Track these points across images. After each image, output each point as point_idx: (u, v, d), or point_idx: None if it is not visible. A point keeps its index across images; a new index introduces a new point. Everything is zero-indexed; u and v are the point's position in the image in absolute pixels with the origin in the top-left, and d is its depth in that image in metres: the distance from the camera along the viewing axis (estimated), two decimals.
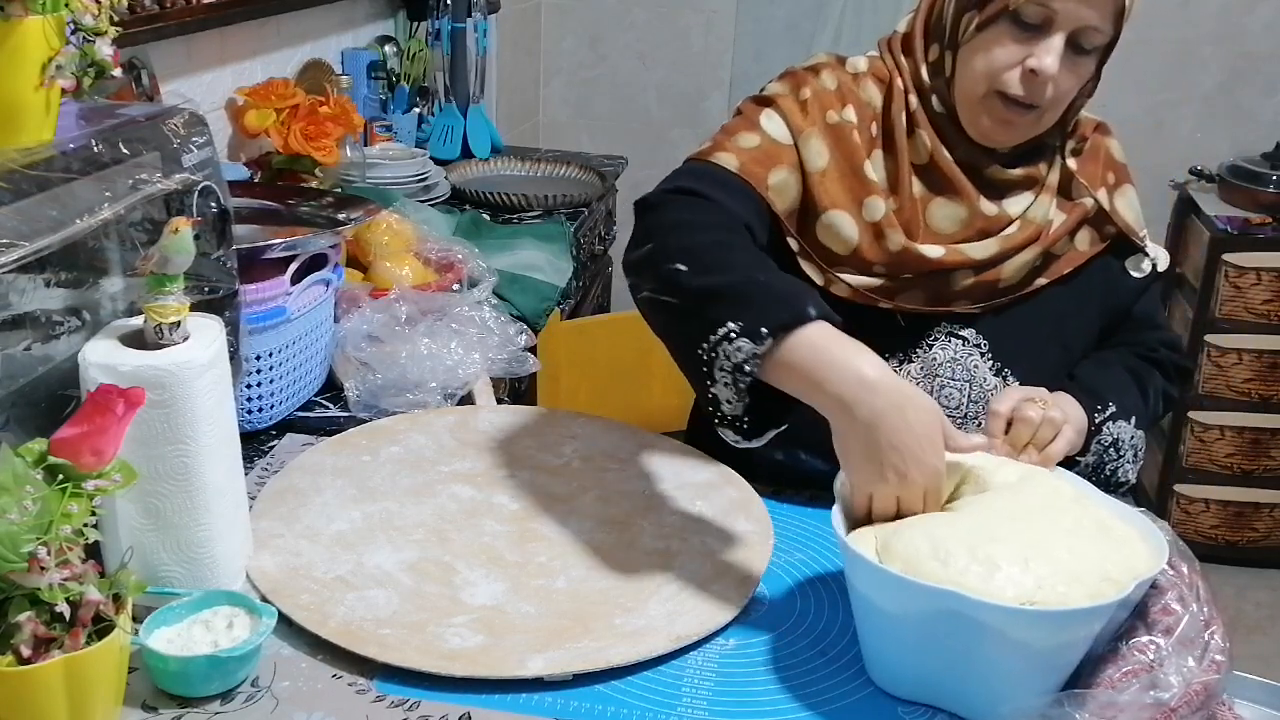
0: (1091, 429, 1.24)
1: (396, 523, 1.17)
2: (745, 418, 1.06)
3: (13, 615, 0.81)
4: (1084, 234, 1.34)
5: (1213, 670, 0.90)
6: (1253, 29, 3.14)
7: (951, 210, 1.28)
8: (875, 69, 1.34)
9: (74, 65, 1.01)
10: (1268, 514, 3.15)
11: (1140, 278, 1.36)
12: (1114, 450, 1.28)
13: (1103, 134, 1.38)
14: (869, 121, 1.29)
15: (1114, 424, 1.27)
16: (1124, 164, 1.38)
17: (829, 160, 1.26)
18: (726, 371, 1.03)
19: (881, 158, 1.28)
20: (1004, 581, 0.90)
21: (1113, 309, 1.38)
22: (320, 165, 2.03)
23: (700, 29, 3.42)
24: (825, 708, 0.97)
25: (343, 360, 1.48)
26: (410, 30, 2.70)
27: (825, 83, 1.31)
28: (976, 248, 1.28)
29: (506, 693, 0.96)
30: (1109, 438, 1.27)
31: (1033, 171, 1.31)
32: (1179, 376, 1.41)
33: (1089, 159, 1.35)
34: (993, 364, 1.31)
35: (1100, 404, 1.26)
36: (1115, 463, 1.28)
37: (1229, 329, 3.01)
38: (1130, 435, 1.29)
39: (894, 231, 1.26)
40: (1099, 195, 1.33)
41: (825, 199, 1.26)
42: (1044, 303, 1.33)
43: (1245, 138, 3.19)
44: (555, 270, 2.02)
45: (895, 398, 0.97)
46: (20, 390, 0.98)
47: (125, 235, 1.08)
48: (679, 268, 1.09)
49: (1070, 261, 1.33)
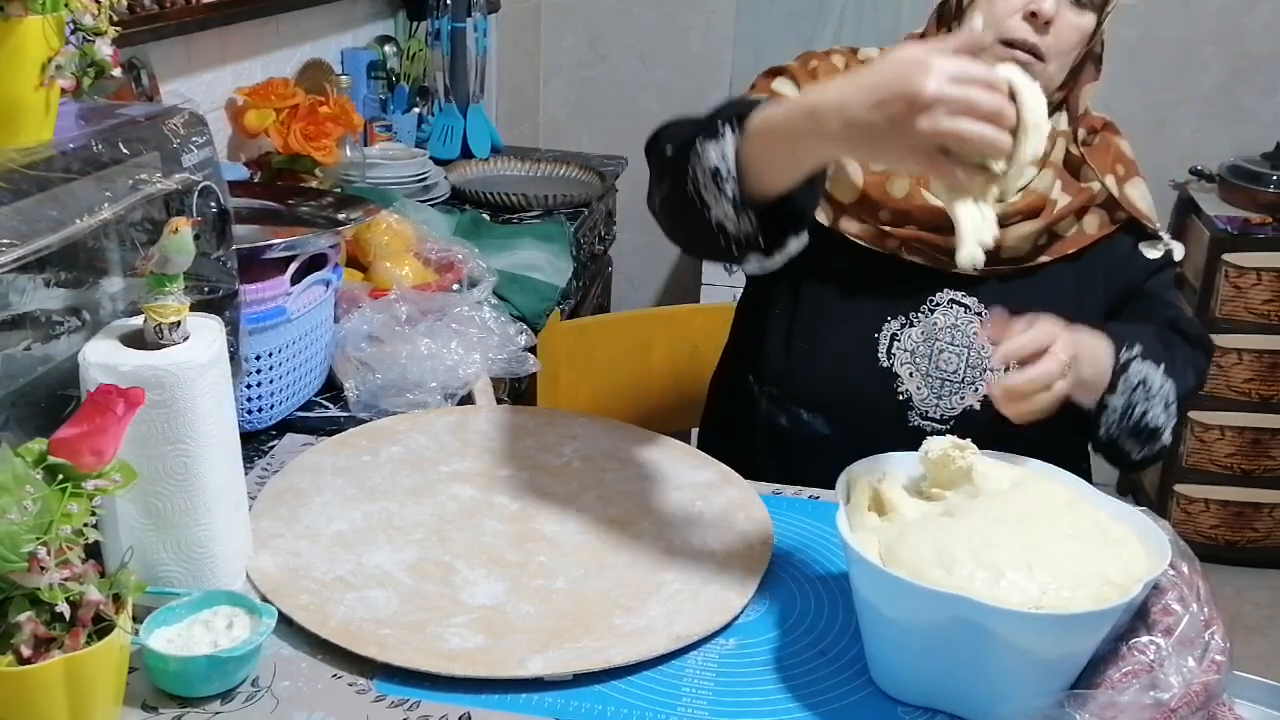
0: (1117, 367, 1.23)
1: (396, 523, 1.17)
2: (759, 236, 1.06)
3: (13, 615, 0.81)
4: (1093, 217, 1.36)
5: (1213, 670, 0.90)
6: (1253, 29, 3.14)
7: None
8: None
9: (74, 65, 1.01)
10: (1268, 514, 3.15)
11: (1154, 258, 1.37)
12: (1143, 390, 1.25)
13: (1112, 131, 1.42)
14: None
15: (1142, 363, 1.25)
16: (1134, 161, 1.40)
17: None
18: (711, 185, 1.05)
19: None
20: (1009, 587, 0.90)
21: (1122, 286, 1.39)
22: (320, 165, 2.03)
23: (700, 29, 3.42)
24: (825, 708, 0.97)
25: (343, 360, 1.48)
26: (410, 30, 2.70)
27: (834, 61, 1.40)
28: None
29: (506, 693, 0.96)
30: (1136, 377, 1.25)
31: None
32: (1204, 350, 1.39)
33: (1099, 149, 1.38)
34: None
35: (1127, 343, 1.25)
36: (1145, 404, 1.26)
37: (1229, 329, 3.01)
38: (1160, 382, 1.26)
39: (899, 179, 1.31)
40: (1107, 180, 1.35)
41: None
42: (1048, 279, 1.35)
43: (1245, 138, 3.19)
44: (555, 270, 2.02)
45: (858, 73, 0.93)
46: (20, 390, 0.98)
47: (125, 235, 1.08)
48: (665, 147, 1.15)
49: (1077, 242, 1.35)
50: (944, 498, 1.05)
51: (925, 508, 1.05)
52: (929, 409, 1.35)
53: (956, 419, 1.35)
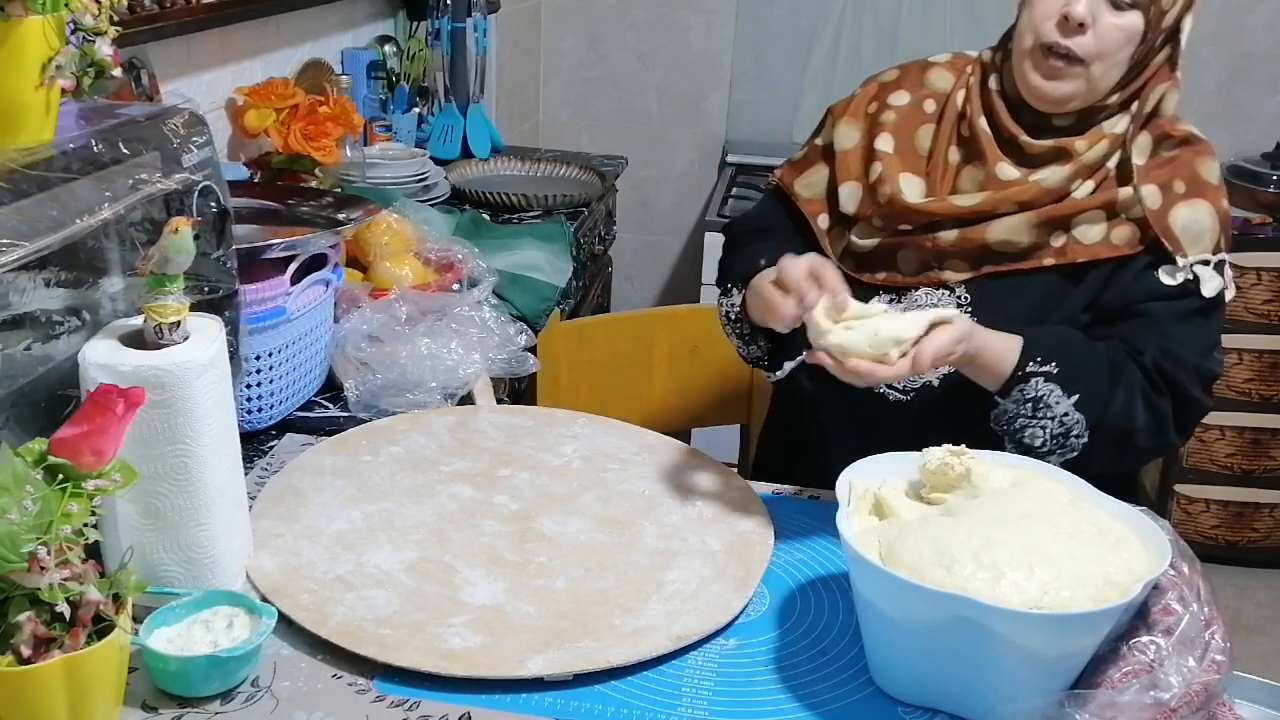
0: (1017, 374, 1.25)
1: (396, 523, 1.17)
2: (764, 359, 1.43)
3: (13, 615, 0.81)
4: (1124, 230, 1.31)
5: (1213, 670, 0.90)
6: (1253, 29, 3.14)
7: (974, 174, 1.35)
8: (957, 61, 1.45)
9: (74, 65, 1.01)
10: (1268, 514, 3.15)
11: (1169, 283, 1.30)
12: (1031, 406, 1.25)
13: (1200, 153, 1.35)
14: (922, 100, 1.42)
15: (1048, 382, 1.25)
16: (1210, 184, 1.33)
17: (856, 141, 1.43)
18: (727, 326, 1.43)
19: (931, 131, 1.40)
20: (1009, 588, 0.90)
21: (1117, 302, 1.32)
22: (320, 165, 2.03)
23: (700, 29, 3.42)
24: (825, 708, 0.97)
25: (343, 360, 1.48)
26: (410, 30, 2.70)
27: (885, 76, 1.48)
28: (963, 197, 1.33)
29: (506, 693, 0.96)
30: (1032, 392, 1.25)
31: (1064, 144, 1.31)
32: (1175, 395, 1.29)
33: (1165, 162, 1.33)
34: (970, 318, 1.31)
35: (1041, 357, 1.25)
36: (1029, 421, 1.25)
37: (1229, 329, 3.00)
38: (1064, 409, 1.25)
39: (883, 185, 1.37)
40: (1145, 190, 1.30)
41: (843, 173, 1.43)
42: (1042, 282, 1.33)
43: (1245, 138, 3.19)
44: (555, 270, 2.02)
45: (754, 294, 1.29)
46: (20, 390, 0.98)
47: (125, 235, 1.08)
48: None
49: (1092, 252, 1.31)
50: (944, 501, 1.05)
51: (926, 510, 1.05)
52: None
53: (916, 391, 1.37)
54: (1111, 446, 1.28)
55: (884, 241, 1.37)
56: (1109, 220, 1.31)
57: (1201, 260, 1.30)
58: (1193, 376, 1.30)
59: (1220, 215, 1.32)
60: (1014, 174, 1.32)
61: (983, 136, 1.35)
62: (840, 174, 1.42)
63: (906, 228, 1.36)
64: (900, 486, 1.08)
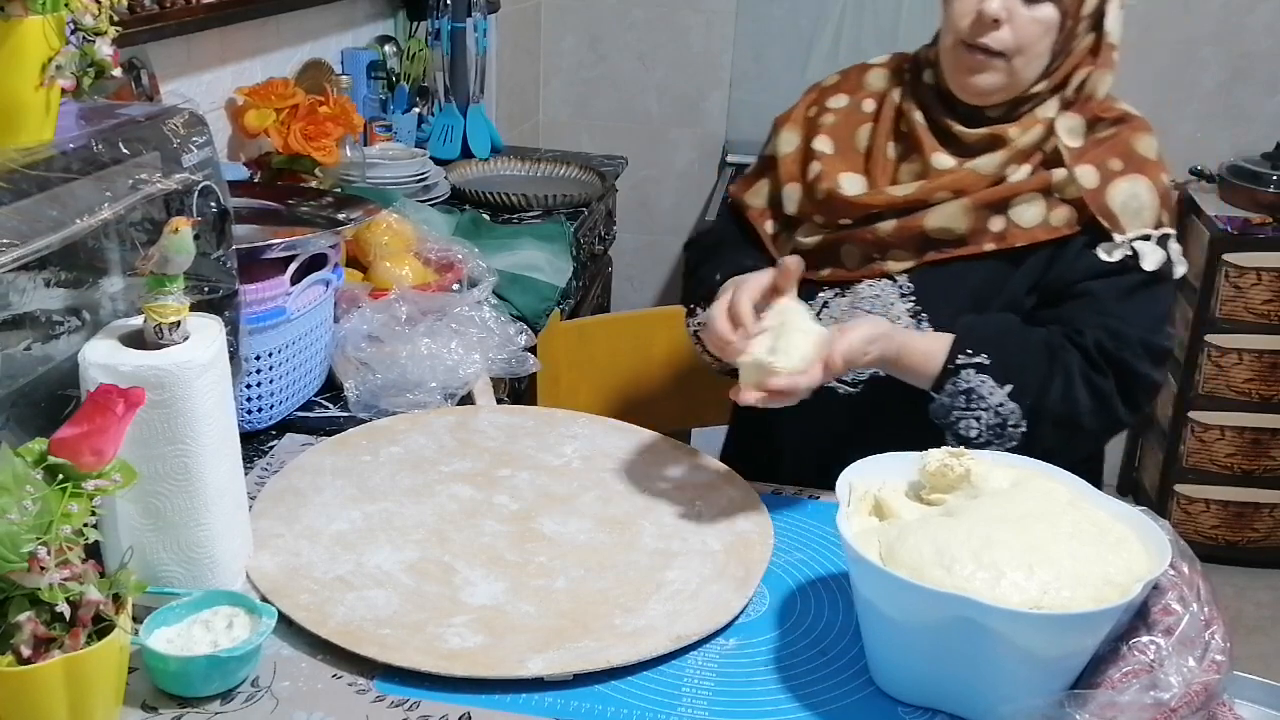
0: (948, 367, 1.26)
1: (396, 523, 1.17)
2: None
3: (13, 615, 0.81)
4: (1061, 212, 1.32)
5: (1213, 670, 0.90)
6: (1253, 29, 3.14)
7: (912, 166, 1.37)
8: (895, 60, 1.48)
9: (74, 65, 1.01)
10: (1268, 514, 3.14)
11: (1108, 260, 1.31)
12: (965, 400, 1.26)
13: (1136, 129, 1.36)
14: (860, 101, 1.45)
15: (978, 375, 1.25)
16: (1149, 159, 1.34)
17: (796, 146, 1.46)
18: (697, 345, 1.41)
19: (869, 129, 1.43)
20: (1009, 588, 0.90)
21: (1058, 283, 1.33)
22: (320, 165, 2.03)
23: (700, 29, 3.42)
24: (825, 708, 0.97)
25: (343, 360, 1.48)
26: (410, 30, 2.70)
27: (826, 82, 1.51)
28: (899, 187, 1.36)
29: (506, 693, 0.96)
30: (964, 384, 1.26)
31: (998, 131, 1.34)
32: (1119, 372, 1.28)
33: (1100, 141, 1.34)
34: (912, 307, 1.35)
35: (971, 348, 1.26)
36: (963, 413, 1.26)
37: (1229, 329, 3.01)
38: (1000, 401, 1.25)
39: (821, 183, 1.40)
40: (1081, 171, 1.31)
41: (784, 175, 1.46)
42: (983, 268, 1.34)
43: (1245, 138, 3.19)
44: (555, 270, 2.02)
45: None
46: (20, 390, 0.98)
47: (125, 235, 1.08)
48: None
49: (1031, 235, 1.32)
50: (944, 501, 1.05)
51: (926, 510, 1.05)
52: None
53: (865, 383, 1.38)
54: (1056, 432, 1.27)
55: (826, 238, 1.40)
56: (1046, 201, 1.33)
57: (1142, 236, 1.31)
58: (1139, 351, 1.29)
59: (1160, 190, 1.34)
60: (950, 163, 1.35)
61: (918, 128, 1.37)
62: (782, 177, 1.46)
63: (847, 222, 1.38)
64: (900, 488, 1.08)
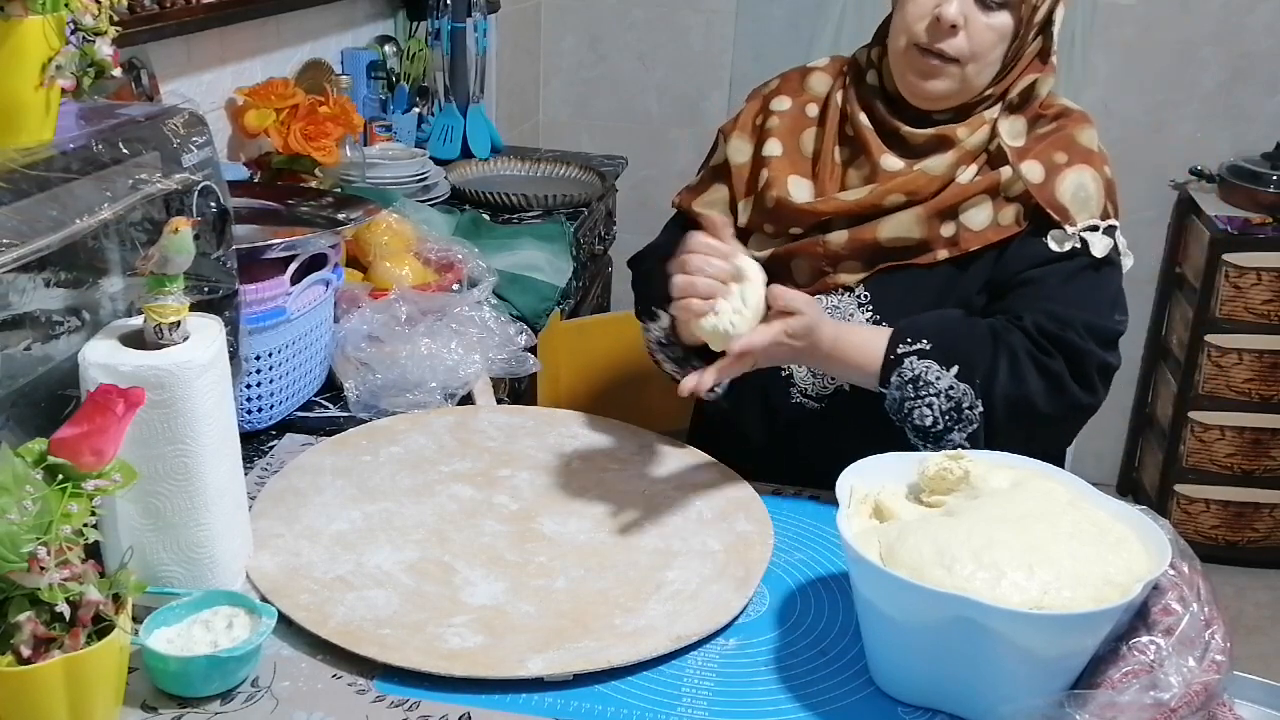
0: (889, 358, 1.26)
1: (396, 523, 1.17)
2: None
3: (13, 615, 0.81)
4: (1008, 211, 1.32)
5: (1213, 670, 0.90)
6: (1253, 29, 3.14)
7: (860, 170, 1.36)
8: (834, 63, 1.46)
9: (74, 65, 1.01)
10: (1268, 514, 3.15)
11: (1058, 250, 1.30)
12: (913, 388, 1.25)
13: (1077, 122, 1.36)
14: (804, 105, 1.43)
15: (921, 360, 1.25)
16: (1092, 150, 1.34)
17: (749, 155, 1.44)
18: (659, 351, 1.39)
19: (815, 134, 1.41)
20: (1009, 588, 0.90)
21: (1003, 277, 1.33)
22: (320, 165, 2.03)
23: (700, 29, 3.42)
24: (825, 708, 0.97)
25: (343, 360, 1.48)
26: (410, 30, 2.70)
27: (767, 88, 1.49)
28: (850, 193, 1.34)
29: (506, 693, 0.96)
30: (910, 373, 1.25)
31: (945, 132, 1.33)
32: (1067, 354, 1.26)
33: (1043, 137, 1.34)
34: (871, 316, 1.35)
35: (911, 337, 1.26)
36: (914, 402, 1.25)
37: (1229, 329, 3.01)
38: (949, 385, 1.24)
39: (770, 190, 1.38)
40: (1026, 167, 1.31)
41: (740, 188, 1.44)
42: (938, 275, 1.34)
43: (1245, 138, 3.19)
44: (555, 270, 2.02)
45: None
46: (20, 390, 0.98)
47: (125, 235, 1.08)
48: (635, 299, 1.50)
49: (982, 238, 1.32)
50: (944, 503, 1.05)
51: (926, 511, 1.05)
52: (807, 387, 1.40)
53: (829, 398, 1.38)
54: (1013, 416, 1.26)
55: (776, 251, 1.38)
56: (993, 203, 1.33)
57: (1090, 226, 1.31)
58: (1082, 332, 1.28)
59: (1105, 181, 1.34)
60: (899, 164, 1.34)
61: (865, 131, 1.36)
62: (738, 190, 1.44)
63: (798, 231, 1.37)
64: (900, 490, 1.08)
